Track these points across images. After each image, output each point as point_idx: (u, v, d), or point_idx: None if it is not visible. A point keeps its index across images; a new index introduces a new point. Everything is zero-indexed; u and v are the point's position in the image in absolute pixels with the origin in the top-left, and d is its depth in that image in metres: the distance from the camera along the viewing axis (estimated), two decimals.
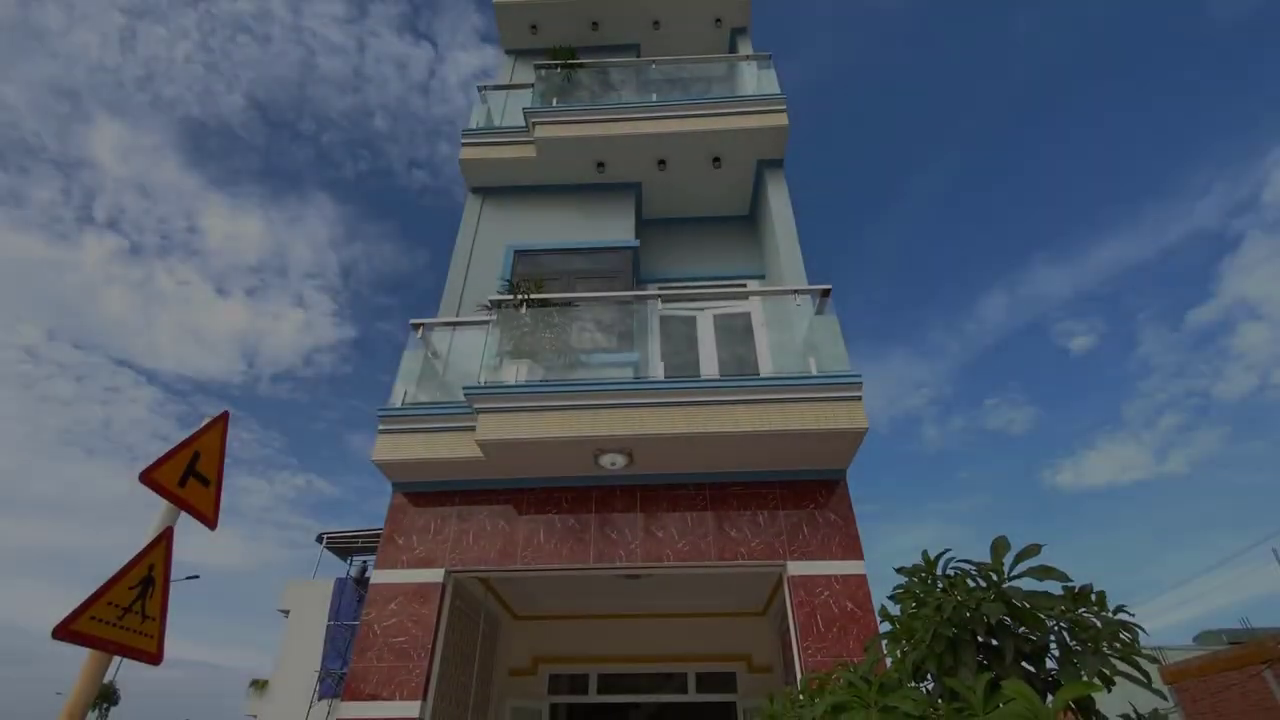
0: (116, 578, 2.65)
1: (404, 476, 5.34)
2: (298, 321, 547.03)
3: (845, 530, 4.94)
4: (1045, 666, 2.35)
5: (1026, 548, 2.26)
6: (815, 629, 4.49)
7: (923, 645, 2.36)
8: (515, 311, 5.68)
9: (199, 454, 3.13)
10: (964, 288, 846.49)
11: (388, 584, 4.91)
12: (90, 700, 2.51)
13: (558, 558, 4.99)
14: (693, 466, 5.23)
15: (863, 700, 1.95)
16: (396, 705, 4.39)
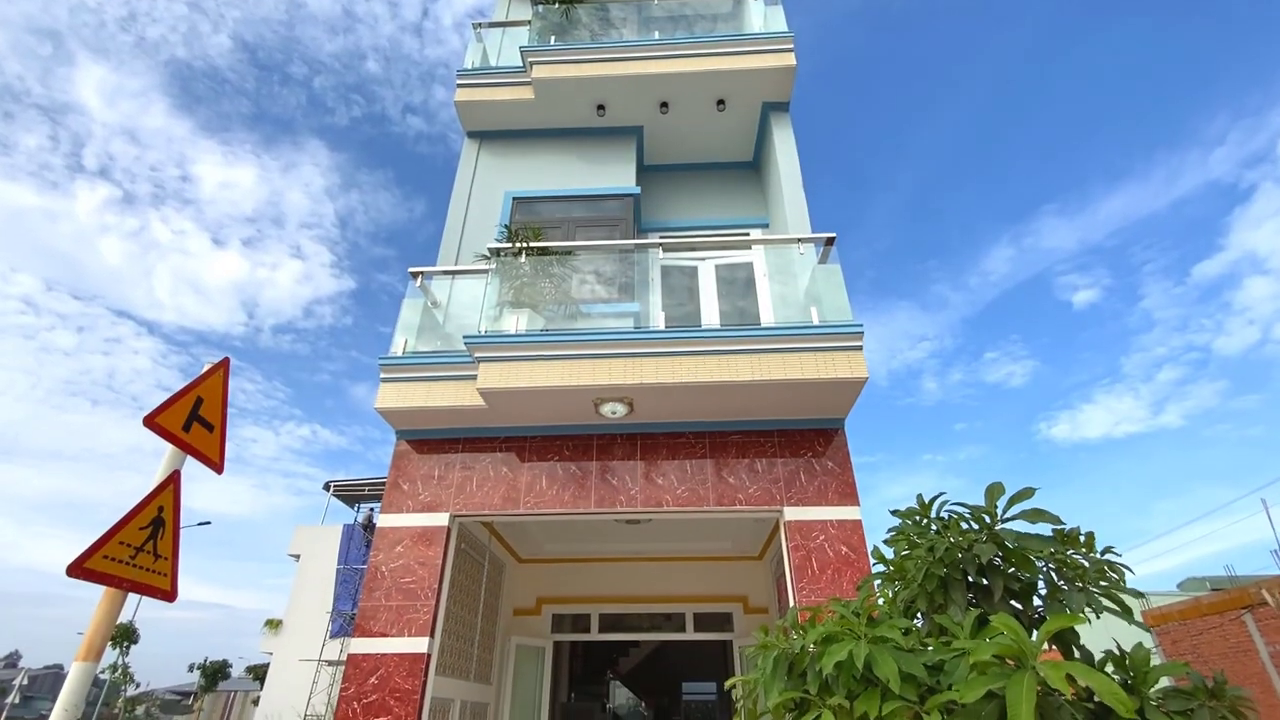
0: (126, 519, 2.71)
1: (407, 424, 5.39)
2: (296, 272, 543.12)
3: (842, 478, 5.02)
4: (1033, 604, 2.42)
5: (1020, 491, 2.29)
6: (810, 571, 4.61)
7: (914, 584, 2.42)
8: (514, 260, 5.61)
9: (201, 399, 3.15)
10: (970, 240, 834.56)
11: (394, 528, 5.03)
12: (108, 635, 2.60)
13: (560, 503, 5.10)
14: (692, 416, 5.27)
15: (853, 632, 2.02)
16: (405, 641, 4.56)
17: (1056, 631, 2.32)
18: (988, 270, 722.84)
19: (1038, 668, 1.68)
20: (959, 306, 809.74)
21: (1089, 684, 1.67)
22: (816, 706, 2.06)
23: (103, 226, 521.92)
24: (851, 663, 1.91)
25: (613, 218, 6.67)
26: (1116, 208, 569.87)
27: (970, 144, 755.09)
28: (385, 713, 4.31)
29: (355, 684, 4.44)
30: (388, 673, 4.45)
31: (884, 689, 1.97)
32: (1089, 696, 2.26)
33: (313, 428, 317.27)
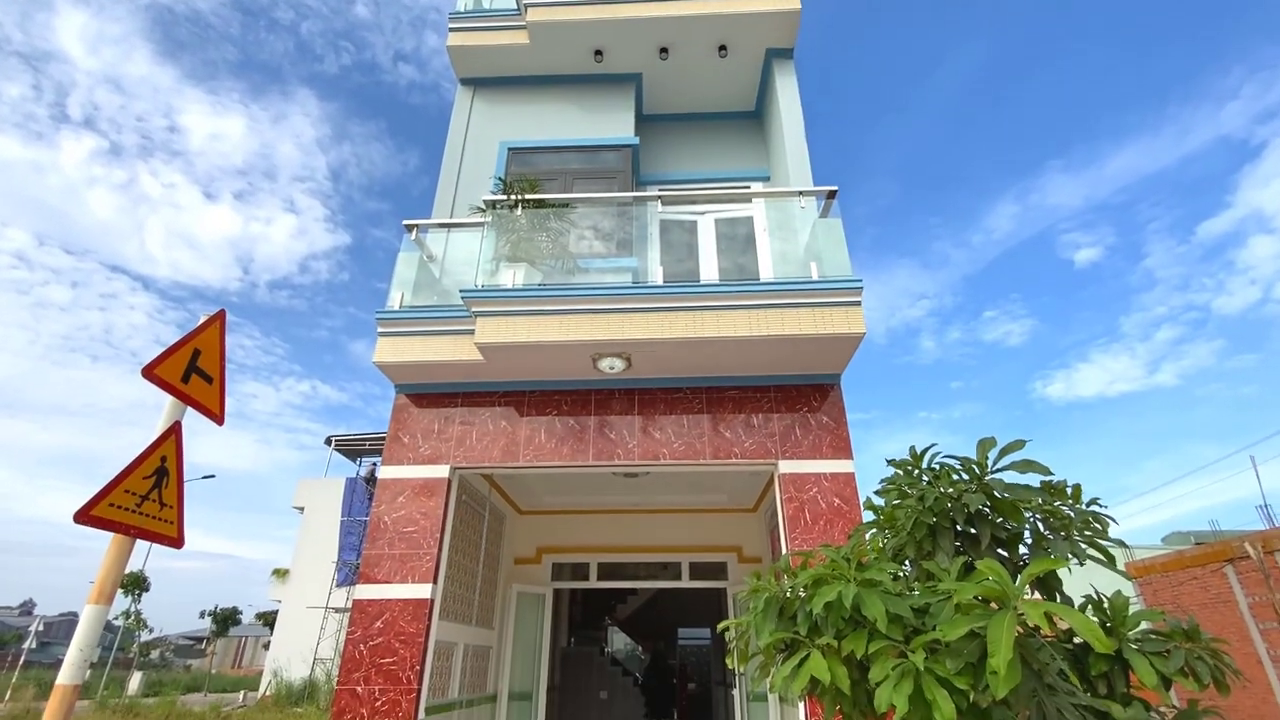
0: (130, 468, 2.74)
1: (406, 379, 5.41)
2: (290, 227, 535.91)
3: (836, 433, 5.08)
4: (1018, 553, 2.49)
5: (1011, 443, 2.32)
6: (803, 522, 4.72)
7: (903, 532, 2.48)
8: (510, 213, 5.53)
9: (199, 351, 3.15)
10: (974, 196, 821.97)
11: (395, 479, 5.11)
12: (118, 579, 2.67)
13: (558, 456, 5.17)
14: (690, 371, 5.29)
15: (843, 576, 2.08)
16: (409, 587, 4.69)
17: (1040, 578, 2.39)
18: (991, 228, 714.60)
19: (1019, 608, 1.73)
20: (960, 264, 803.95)
21: (1069, 623, 1.73)
22: (806, 646, 2.14)
23: (90, 179, 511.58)
24: (840, 604, 1.97)
25: (611, 170, 6.54)
26: (1125, 164, 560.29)
27: (978, 98, 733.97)
28: (391, 654, 4.47)
29: (361, 628, 4.59)
30: (392, 617, 4.60)
31: (871, 629, 2.04)
32: (1069, 639, 2.35)
33: (312, 383, 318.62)
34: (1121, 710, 2.03)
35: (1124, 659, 2.12)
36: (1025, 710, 1.89)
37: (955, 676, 1.82)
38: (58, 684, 2.47)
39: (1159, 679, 2.02)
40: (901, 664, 1.90)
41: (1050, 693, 1.99)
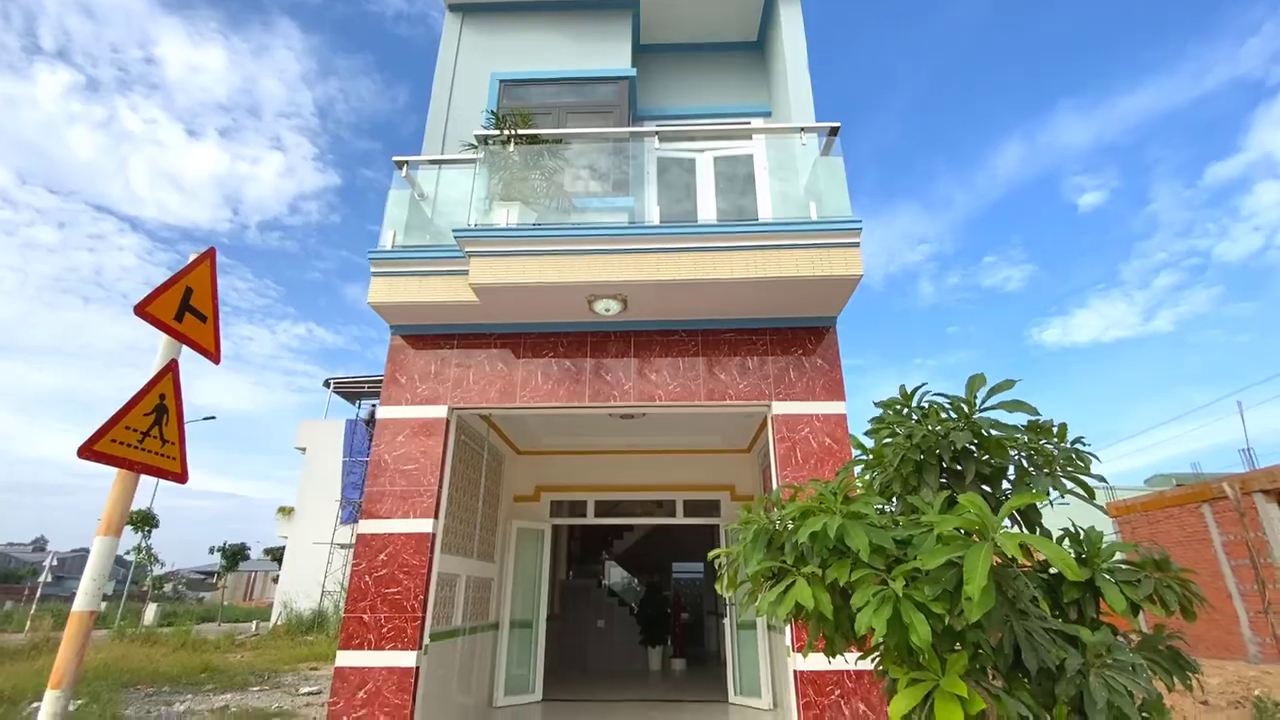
0: (130, 405, 2.77)
1: (401, 319, 5.40)
2: (278, 166, 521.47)
3: (830, 375, 5.12)
4: (1001, 489, 2.56)
5: (1000, 382, 2.35)
6: (794, 461, 4.83)
7: (890, 469, 2.54)
8: (503, 150, 5.38)
9: (191, 289, 3.12)
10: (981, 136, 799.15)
11: (394, 419, 5.17)
12: (124, 512, 2.74)
13: (555, 397, 5.22)
14: (686, 314, 5.28)
15: (829, 508, 2.14)
16: (411, 522, 4.83)
17: (1022, 512, 2.47)
18: (996, 169, 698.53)
19: (996, 539, 1.80)
20: (962, 207, 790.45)
21: (1043, 553, 1.80)
22: (792, 574, 2.23)
23: (69, 115, 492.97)
24: (825, 534, 2.04)
25: (606, 104, 6.32)
26: (1137, 103, 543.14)
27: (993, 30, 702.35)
28: (395, 585, 4.64)
29: (366, 560, 4.75)
30: (396, 550, 4.75)
31: (854, 559, 2.12)
32: (1044, 569, 2.45)
33: (308, 326, 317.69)
34: (1089, 634, 2.14)
35: (1095, 587, 2.22)
36: (997, 633, 1.99)
37: (932, 602, 1.90)
38: (74, 611, 2.57)
39: (1128, 605, 2.12)
40: (882, 591, 1.98)
41: (1022, 618, 2.09)
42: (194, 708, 7.72)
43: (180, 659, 11.87)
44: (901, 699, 2.05)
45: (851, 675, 4.29)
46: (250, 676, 10.56)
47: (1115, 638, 2.19)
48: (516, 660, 7.77)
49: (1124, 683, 2.00)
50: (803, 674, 4.32)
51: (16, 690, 7.30)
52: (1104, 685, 1.99)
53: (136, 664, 10.89)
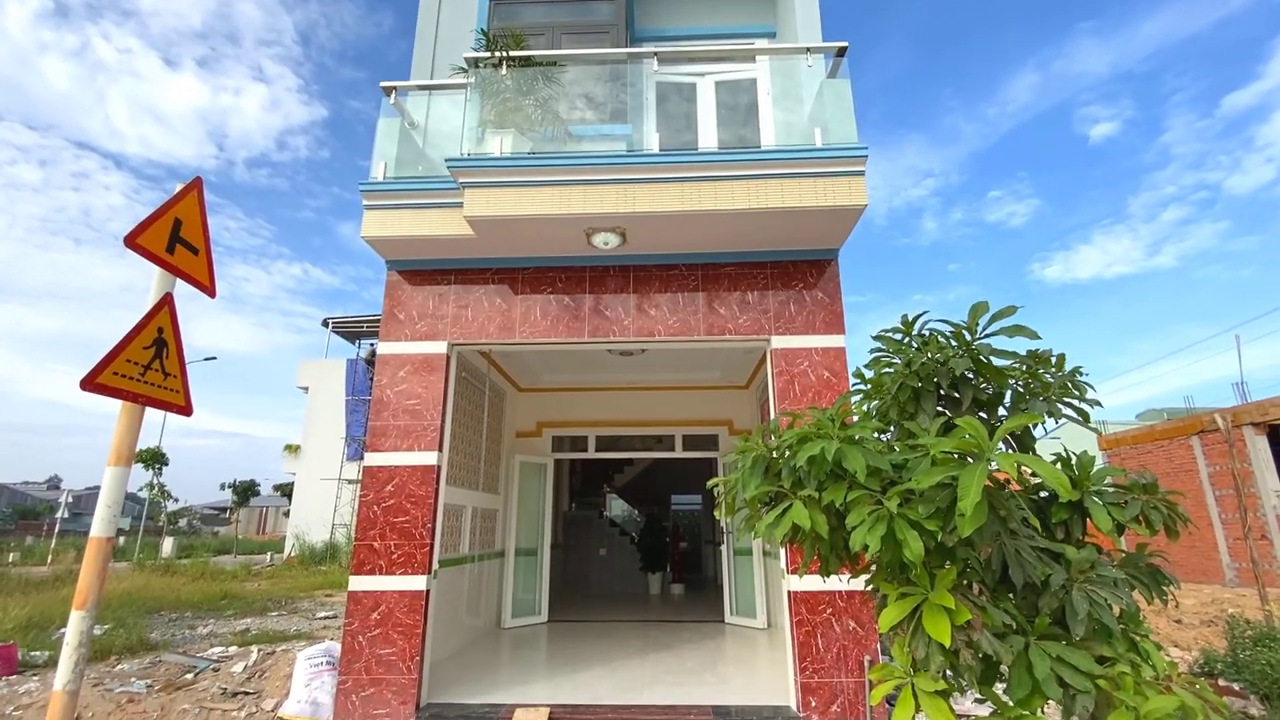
0: (129, 337, 2.76)
1: (396, 254, 5.32)
2: (261, 98, 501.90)
3: (830, 308, 5.10)
4: (997, 415, 2.59)
5: (1002, 309, 2.33)
6: (793, 394, 4.87)
7: (888, 396, 2.56)
8: (495, 73, 5.15)
9: (180, 221, 3.06)
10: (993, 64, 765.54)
11: (395, 355, 5.18)
12: (132, 443, 2.78)
13: (554, 333, 5.21)
14: (686, 247, 5.20)
15: (827, 434, 2.18)
16: (416, 455, 4.92)
17: (1016, 436, 2.51)
18: (1007, 99, 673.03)
19: (991, 458, 1.83)
20: (970, 140, 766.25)
21: (1037, 473, 1.84)
22: (788, 498, 2.28)
23: (40, 44, 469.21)
24: (823, 458, 2.08)
25: (603, 23, 6.00)
26: (1158, 28, 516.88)
27: None
28: (403, 514, 4.78)
29: (373, 491, 4.87)
30: (402, 481, 4.86)
31: (851, 481, 2.17)
32: (1034, 493, 2.51)
33: (303, 266, 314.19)
34: (1075, 552, 2.22)
35: (1083, 509, 2.28)
36: (987, 549, 2.06)
37: (926, 520, 1.96)
38: (92, 537, 2.66)
39: (1114, 525, 2.18)
40: (877, 510, 2.04)
41: (1012, 536, 2.16)
42: (216, 630, 8.11)
43: (200, 587, 12.39)
44: (891, 611, 2.14)
45: (843, 595, 4.48)
46: (268, 603, 11.05)
47: (1099, 556, 2.27)
48: (523, 585, 8.12)
49: (1105, 596, 2.09)
50: (796, 594, 4.51)
51: (45, 617, 7.65)
52: (1085, 598, 2.07)
53: (159, 592, 11.38)
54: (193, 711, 4.54)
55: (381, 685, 4.46)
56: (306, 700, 4.56)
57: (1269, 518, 11.73)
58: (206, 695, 4.81)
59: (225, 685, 4.98)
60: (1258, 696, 4.44)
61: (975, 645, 2.02)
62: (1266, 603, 5.73)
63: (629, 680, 5.22)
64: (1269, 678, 4.44)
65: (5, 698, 4.91)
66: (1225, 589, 11.17)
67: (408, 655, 4.51)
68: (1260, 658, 4.60)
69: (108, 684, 5.08)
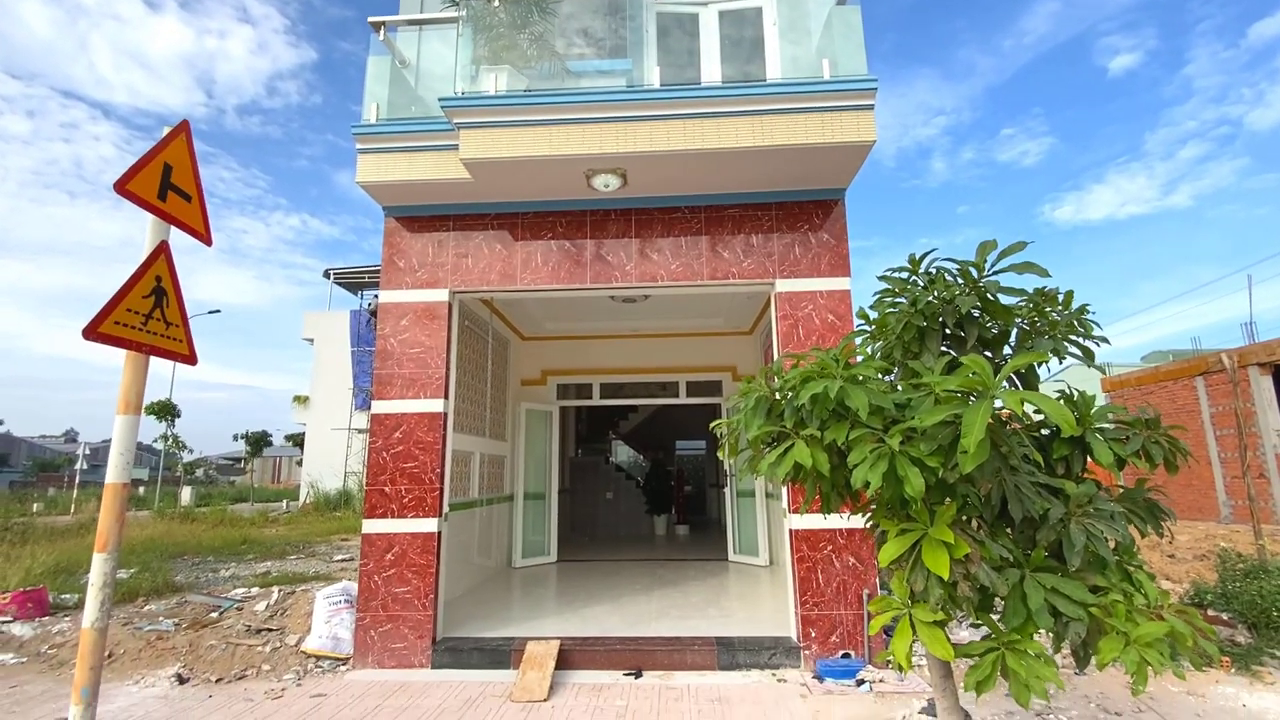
0: (127, 286, 2.74)
1: (393, 200, 5.22)
2: (248, 41, 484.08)
3: (836, 250, 5.01)
4: (1002, 354, 2.57)
5: (1012, 245, 2.28)
6: (796, 338, 4.85)
7: (892, 336, 2.54)
8: (486, 5, 4.91)
9: (170, 166, 2.99)
10: None
11: (396, 303, 5.15)
12: (140, 392, 2.80)
13: (556, 279, 5.16)
14: (688, 188, 5.08)
15: (830, 374, 2.17)
16: (422, 402, 4.97)
17: (1021, 375, 2.50)
18: (1025, 30, 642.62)
19: (996, 394, 1.83)
20: (985, 74, 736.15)
21: (1041, 409, 1.84)
22: (791, 438, 2.30)
23: None
24: (826, 397, 2.08)
25: None
26: None
27: None
28: (412, 460, 4.86)
29: (382, 438, 4.94)
30: (410, 428, 4.92)
31: (853, 420, 2.17)
32: (1036, 430, 2.51)
33: (302, 217, 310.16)
34: (1074, 487, 2.24)
35: (1084, 445, 2.29)
36: (987, 485, 2.08)
37: (927, 457, 1.97)
38: (108, 483, 2.71)
39: (1114, 460, 2.20)
40: (879, 448, 2.05)
41: (1012, 472, 2.18)
42: (238, 573, 8.41)
43: (220, 534, 12.80)
44: (891, 546, 2.18)
45: (843, 533, 4.59)
46: (287, 547, 11.42)
47: (1098, 491, 2.30)
48: (532, 528, 8.34)
49: (1101, 529, 2.13)
50: (797, 532, 4.62)
51: (72, 562, 7.93)
52: (1083, 531, 2.11)
53: (181, 538, 11.76)
54: (220, 647, 4.76)
55: (398, 621, 4.64)
56: (328, 636, 4.76)
57: (1268, 456, 11.85)
58: (232, 632, 5.03)
59: (249, 623, 5.21)
60: (1245, 625, 4.58)
61: (973, 578, 2.07)
62: (1260, 537, 5.84)
63: (636, 615, 5.42)
64: (1257, 607, 4.57)
65: (40, 637, 5.15)
66: (1220, 526, 11.39)
67: (422, 593, 4.67)
68: (1249, 588, 4.72)
69: (137, 623, 5.32)
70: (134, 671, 4.52)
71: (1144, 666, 1.97)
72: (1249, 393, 12.21)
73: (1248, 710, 3.56)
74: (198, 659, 4.63)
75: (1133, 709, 3.62)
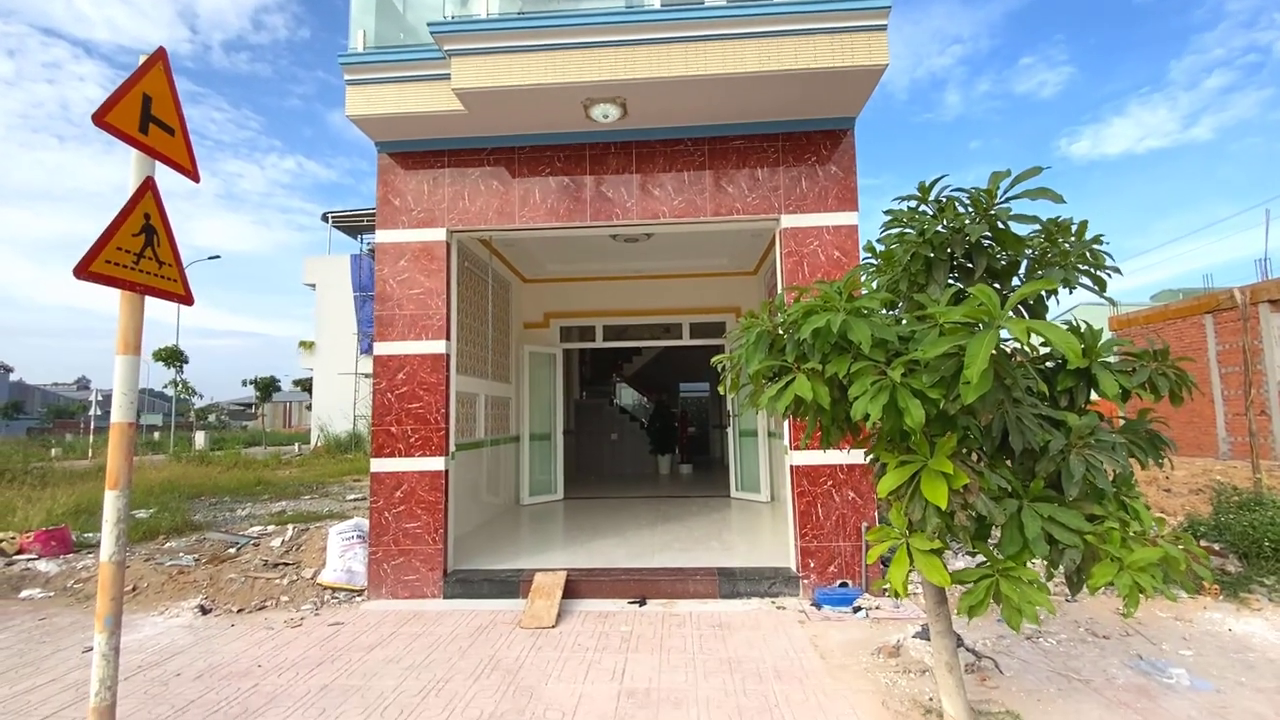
0: (116, 223, 2.68)
1: (386, 135, 5.05)
2: None
3: (844, 183, 4.86)
4: (1011, 285, 2.51)
5: (1027, 170, 2.19)
6: (801, 275, 4.77)
7: (898, 269, 2.48)
8: None
9: (150, 97, 2.87)
10: None
11: (394, 243, 5.07)
12: (137, 332, 2.78)
13: (555, 217, 5.04)
14: (691, 119, 4.88)
15: (833, 306, 2.13)
16: (425, 344, 4.96)
17: (1029, 306, 2.45)
18: None
19: (1002, 325, 1.79)
20: None
21: (1048, 339, 1.80)
22: (792, 372, 2.28)
23: None
24: (829, 330, 2.05)
25: None
26: None
27: None
28: (417, 400, 4.90)
29: (386, 379, 4.96)
30: (413, 369, 4.93)
31: (855, 353, 2.14)
32: (1040, 363, 2.48)
33: (297, 160, 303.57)
34: (1076, 419, 2.23)
35: (1089, 377, 2.26)
36: (989, 415, 2.07)
37: (929, 389, 1.95)
38: (114, 423, 2.73)
39: (1120, 391, 2.18)
40: (880, 380, 2.03)
41: (1014, 404, 2.16)
42: (254, 513, 8.66)
43: (235, 475, 13.11)
44: (890, 477, 2.20)
45: (843, 468, 4.65)
46: (300, 488, 11.71)
47: (1101, 422, 2.29)
48: (539, 467, 8.50)
49: (1101, 459, 2.13)
50: (798, 468, 4.68)
51: (93, 503, 8.16)
52: (1082, 461, 2.11)
53: (196, 480, 12.06)
54: (239, 580, 4.94)
55: (410, 555, 4.79)
56: (342, 569, 4.93)
57: (1272, 393, 11.85)
58: (250, 566, 5.21)
59: (266, 558, 5.39)
60: (1236, 555, 4.68)
61: (971, 507, 2.09)
62: (1259, 471, 5.90)
63: (640, 547, 5.58)
64: (1249, 538, 4.66)
65: (65, 573, 5.35)
66: (1217, 462, 11.52)
67: (432, 529, 4.80)
68: (1243, 519, 4.80)
69: (158, 559, 5.51)
70: (158, 604, 4.71)
71: (1136, 590, 2.01)
72: (1258, 330, 12.10)
73: (1233, 635, 3.68)
74: (218, 592, 4.82)
75: (1120, 632, 3.74)
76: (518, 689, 3.13)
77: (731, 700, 2.94)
